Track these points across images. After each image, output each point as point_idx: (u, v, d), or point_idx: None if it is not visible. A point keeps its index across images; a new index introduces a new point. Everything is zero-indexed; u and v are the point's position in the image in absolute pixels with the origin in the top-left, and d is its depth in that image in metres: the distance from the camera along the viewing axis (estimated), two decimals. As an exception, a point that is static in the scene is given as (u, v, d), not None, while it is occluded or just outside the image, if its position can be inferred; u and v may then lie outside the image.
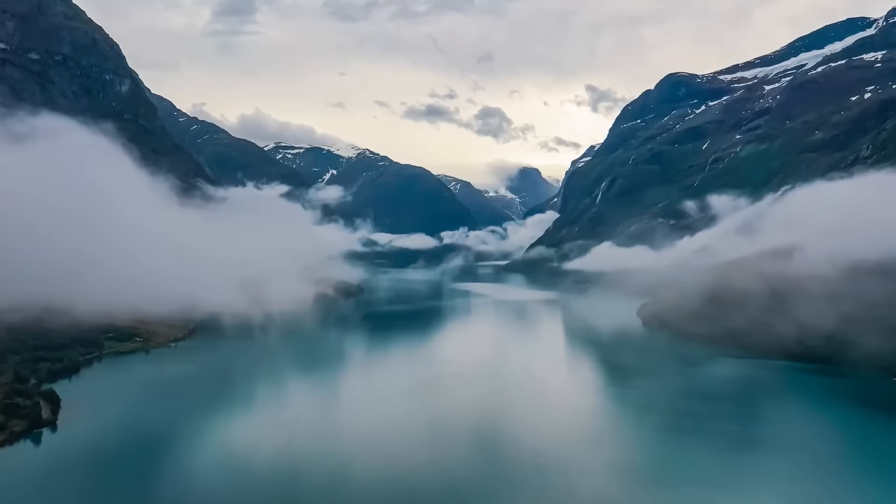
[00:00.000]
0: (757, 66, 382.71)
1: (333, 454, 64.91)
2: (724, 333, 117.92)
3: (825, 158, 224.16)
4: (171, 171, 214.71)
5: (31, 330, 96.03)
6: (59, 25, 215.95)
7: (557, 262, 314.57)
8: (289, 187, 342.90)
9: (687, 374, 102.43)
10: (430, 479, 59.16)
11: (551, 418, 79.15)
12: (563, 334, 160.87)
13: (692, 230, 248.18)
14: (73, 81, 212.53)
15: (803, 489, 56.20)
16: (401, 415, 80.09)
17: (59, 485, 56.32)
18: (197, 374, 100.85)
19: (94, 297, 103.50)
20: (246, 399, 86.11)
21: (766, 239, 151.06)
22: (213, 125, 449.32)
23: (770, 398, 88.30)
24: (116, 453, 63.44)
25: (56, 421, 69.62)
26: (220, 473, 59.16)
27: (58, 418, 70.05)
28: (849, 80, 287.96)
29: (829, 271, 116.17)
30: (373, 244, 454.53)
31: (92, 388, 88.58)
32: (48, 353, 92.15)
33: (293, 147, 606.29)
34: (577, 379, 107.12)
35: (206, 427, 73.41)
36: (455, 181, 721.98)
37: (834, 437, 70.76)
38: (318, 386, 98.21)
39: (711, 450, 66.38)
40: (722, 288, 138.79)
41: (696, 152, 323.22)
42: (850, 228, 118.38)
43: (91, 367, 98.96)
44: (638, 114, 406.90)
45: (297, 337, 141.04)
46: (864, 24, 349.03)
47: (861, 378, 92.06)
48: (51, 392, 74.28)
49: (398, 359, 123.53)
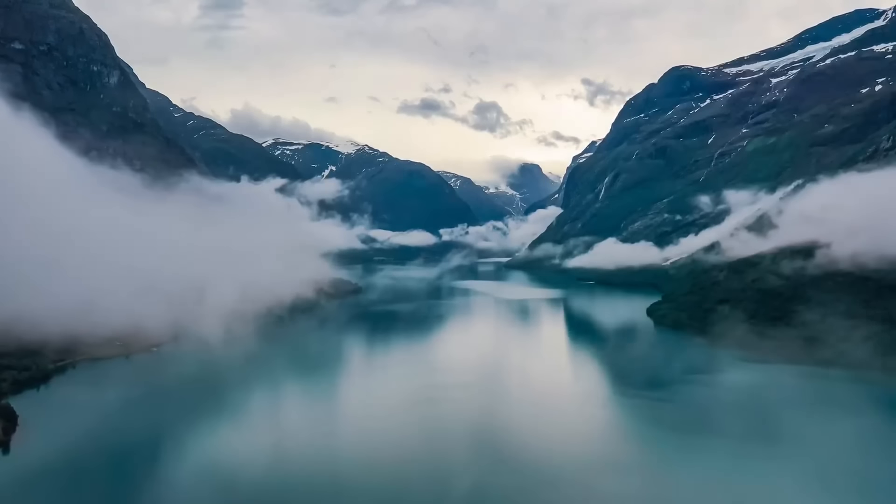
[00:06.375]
0: (763, 58, 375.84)
1: (324, 470, 59.56)
2: (743, 335, 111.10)
3: (836, 152, 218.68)
4: (160, 166, 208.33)
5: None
6: (44, 14, 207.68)
7: (560, 258, 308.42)
8: (285, 180, 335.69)
9: (705, 381, 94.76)
10: (427, 492, 54.81)
11: (560, 432, 72.43)
12: (569, 336, 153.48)
13: (699, 226, 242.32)
14: (58, 73, 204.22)
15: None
16: (397, 425, 74.10)
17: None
18: (180, 382, 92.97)
19: (64, 300, 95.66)
20: (231, 410, 78.88)
21: (782, 235, 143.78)
22: (210, 120, 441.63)
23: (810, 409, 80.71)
24: (75, 480, 56.21)
25: (8, 442, 61.77)
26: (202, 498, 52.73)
27: (10, 438, 62.25)
28: (859, 71, 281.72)
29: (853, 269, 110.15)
30: (371, 241, 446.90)
31: (61, 399, 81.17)
32: (13, 361, 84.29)
33: (291, 143, 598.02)
34: (586, 387, 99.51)
35: (188, 445, 66.01)
36: (455, 177, 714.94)
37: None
38: (309, 394, 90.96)
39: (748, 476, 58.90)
40: (737, 286, 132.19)
41: (701, 146, 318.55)
42: (880, 223, 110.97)
43: (64, 374, 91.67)
44: (641, 108, 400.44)
45: (290, 339, 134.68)
46: (873, 16, 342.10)
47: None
48: (6, 407, 66.33)
49: (395, 363, 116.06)
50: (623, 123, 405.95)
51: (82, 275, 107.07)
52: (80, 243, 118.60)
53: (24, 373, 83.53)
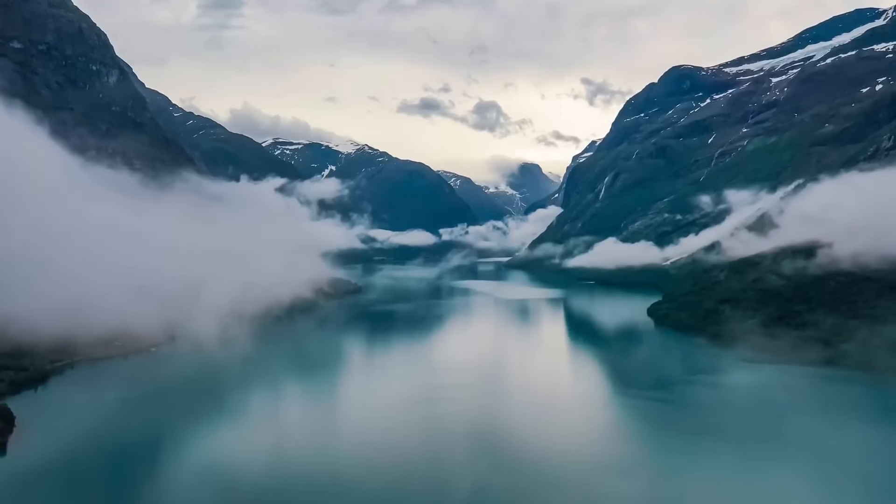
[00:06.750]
0: (763, 58, 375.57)
1: (323, 470, 59.08)
2: (744, 335, 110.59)
3: (837, 151, 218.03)
4: (159, 166, 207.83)
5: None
6: (42, 13, 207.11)
7: (560, 258, 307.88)
8: (284, 180, 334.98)
9: (707, 381, 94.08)
10: (427, 493, 54.52)
11: (561, 433, 71.90)
12: (570, 336, 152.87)
13: (699, 226, 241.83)
14: (57, 72, 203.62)
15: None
16: (397, 425, 73.57)
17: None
18: (179, 383, 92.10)
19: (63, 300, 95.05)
20: (230, 411, 78.38)
21: (783, 235, 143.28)
22: (209, 120, 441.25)
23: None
24: (73, 481, 55.69)
25: (6, 443, 61.26)
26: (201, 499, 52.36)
27: (7, 440, 61.74)
28: (859, 71, 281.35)
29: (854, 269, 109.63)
30: (371, 241, 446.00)
31: (58, 400, 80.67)
32: (11, 361, 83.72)
33: (291, 143, 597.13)
34: (586, 388, 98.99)
35: (187, 446, 65.43)
36: (455, 177, 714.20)
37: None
38: (308, 394, 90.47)
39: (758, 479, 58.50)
40: (738, 286, 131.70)
41: (701, 146, 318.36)
42: (881, 223, 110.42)
43: (62, 374, 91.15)
44: (641, 107, 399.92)
45: (288, 339, 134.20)
46: (873, 15, 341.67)
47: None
48: (3, 408, 65.71)
49: (395, 363, 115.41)
50: (623, 123, 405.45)
51: (79, 275, 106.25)
52: (78, 243, 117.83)
53: (21, 373, 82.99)
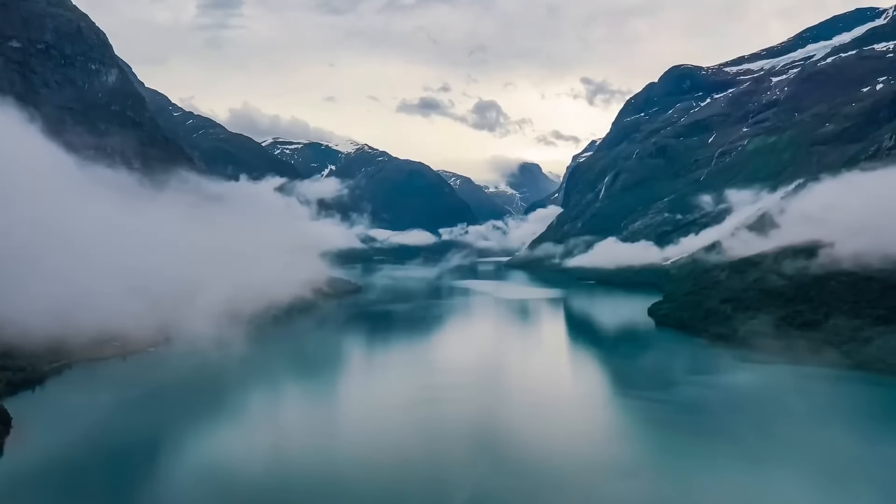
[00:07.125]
0: (763, 57, 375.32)
1: (323, 470, 58.87)
2: (745, 335, 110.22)
3: (837, 151, 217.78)
4: (159, 165, 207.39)
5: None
6: (41, 12, 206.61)
7: (560, 258, 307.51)
8: (284, 180, 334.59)
9: (708, 381, 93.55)
10: (427, 493, 54.28)
11: (561, 433, 71.46)
12: (570, 336, 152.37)
13: (699, 226, 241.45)
14: (56, 71, 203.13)
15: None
16: (397, 425, 73.17)
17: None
18: (178, 383, 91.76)
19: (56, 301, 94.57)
20: (229, 411, 77.87)
21: (783, 235, 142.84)
22: (209, 120, 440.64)
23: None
24: (71, 483, 55.24)
25: (3, 444, 60.81)
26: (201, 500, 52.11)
27: (4, 441, 61.31)
28: (860, 70, 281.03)
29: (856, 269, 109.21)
30: (371, 240, 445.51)
31: (56, 401, 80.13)
32: (8, 362, 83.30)
33: (290, 142, 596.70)
34: (587, 388, 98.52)
35: (186, 446, 64.94)
36: (455, 177, 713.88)
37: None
38: (308, 394, 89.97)
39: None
40: (738, 286, 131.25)
41: (702, 146, 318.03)
42: (882, 222, 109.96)
43: (60, 375, 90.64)
44: (641, 107, 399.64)
45: (288, 340, 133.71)
46: (873, 15, 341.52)
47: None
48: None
49: (395, 363, 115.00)
50: (623, 122, 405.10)
51: (75, 275, 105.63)
52: (74, 243, 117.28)
53: (18, 374, 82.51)
